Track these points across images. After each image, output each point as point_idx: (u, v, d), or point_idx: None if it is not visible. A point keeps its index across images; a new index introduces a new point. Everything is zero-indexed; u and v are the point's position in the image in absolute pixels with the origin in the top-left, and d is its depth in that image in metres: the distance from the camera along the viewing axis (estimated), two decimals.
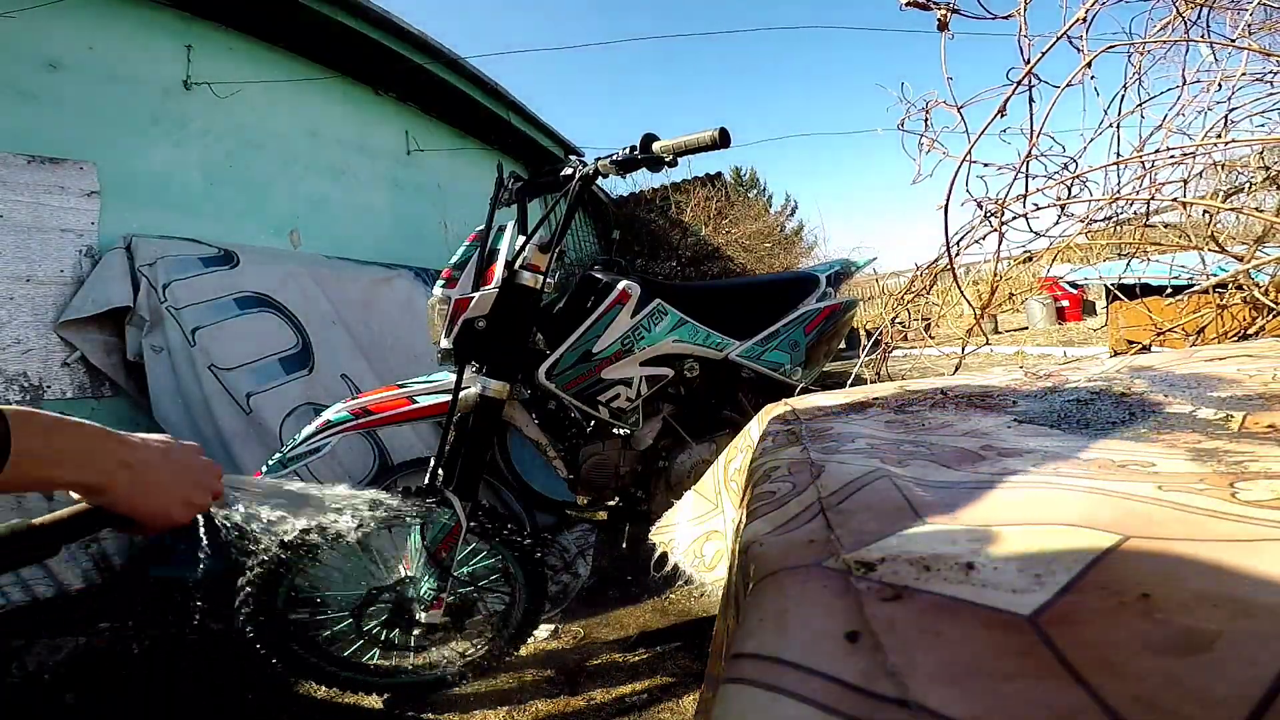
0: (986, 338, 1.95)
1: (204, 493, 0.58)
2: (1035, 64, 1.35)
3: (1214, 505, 0.35)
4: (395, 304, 3.04)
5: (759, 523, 0.44)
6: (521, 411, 1.52)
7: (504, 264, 1.33)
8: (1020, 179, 1.52)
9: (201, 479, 0.58)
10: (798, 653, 0.27)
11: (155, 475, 0.53)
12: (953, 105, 1.52)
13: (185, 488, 0.56)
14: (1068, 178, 1.54)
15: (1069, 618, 0.26)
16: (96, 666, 1.67)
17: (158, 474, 0.53)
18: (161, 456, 0.54)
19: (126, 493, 0.51)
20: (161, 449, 0.55)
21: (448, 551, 1.34)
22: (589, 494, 1.61)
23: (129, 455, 0.51)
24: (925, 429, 0.64)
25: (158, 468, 0.54)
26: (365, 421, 1.32)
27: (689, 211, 7.93)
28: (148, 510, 0.52)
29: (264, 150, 3.23)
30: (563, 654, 1.64)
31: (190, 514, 0.56)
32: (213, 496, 0.59)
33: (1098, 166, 1.51)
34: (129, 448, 0.52)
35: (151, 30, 2.78)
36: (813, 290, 1.79)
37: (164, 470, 0.54)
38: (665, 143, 1.29)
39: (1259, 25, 1.48)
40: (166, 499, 0.54)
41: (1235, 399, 0.62)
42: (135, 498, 0.51)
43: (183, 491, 0.55)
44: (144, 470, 0.52)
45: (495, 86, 4.67)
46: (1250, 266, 1.36)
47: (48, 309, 2.16)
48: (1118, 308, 1.98)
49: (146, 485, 0.52)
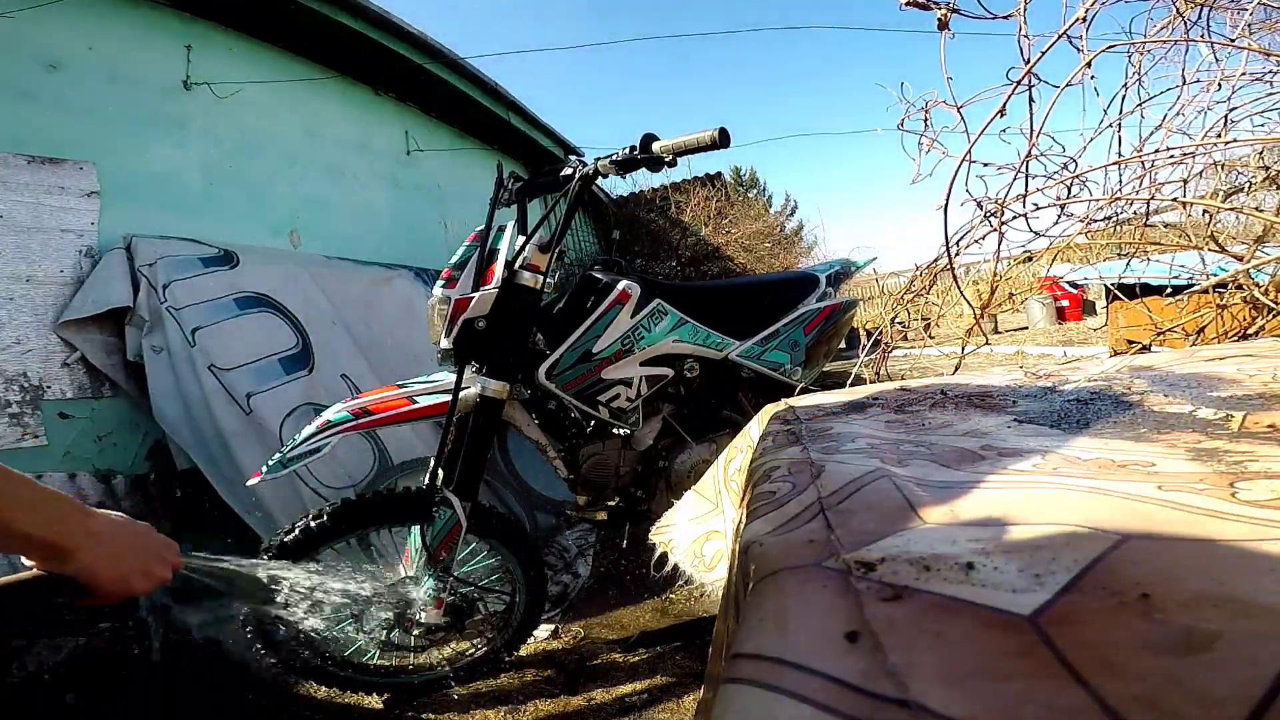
0: (986, 338, 1.95)
1: (164, 566, 0.58)
2: (1035, 64, 1.35)
3: (1214, 505, 0.35)
4: (395, 304, 3.04)
5: (759, 523, 0.44)
6: (521, 411, 1.52)
7: (504, 264, 1.33)
8: (1020, 179, 1.52)
9: (162, 553, 0.59)
10: (798, 653, 0.27)
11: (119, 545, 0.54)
12: (952, 105, 1.52)
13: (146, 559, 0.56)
14: (1067, 177, 1.54)
15: (1069, 618, 0.26)
16: (96, 666, 1.67)
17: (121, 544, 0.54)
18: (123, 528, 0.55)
19: (90, 559, 0.51)
20: (121, 521, 0.56)
21: (448, 552, 1.34)
22: (589, 494, 1.61)
23: (94, 524, 0.52)
24: (925, 429, 0.64)
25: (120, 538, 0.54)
26: (365, 422, 1.32)
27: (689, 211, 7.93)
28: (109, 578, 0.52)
29: (264, 150, 3.23)
30: (563, 654, 1.64)
31: (149, 585, 0.56)
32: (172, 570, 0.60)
33: (1098, 166, 1.51)
34: (94, 518, 0.53)
35: (151, 30, 2.78)
36: (813, 290, 1.79)
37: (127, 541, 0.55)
38: (665, 143, 1.29)
39: (1259, 25, 1.48)
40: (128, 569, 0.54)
41: (1235, 399, 0.62)
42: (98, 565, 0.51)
43: (143, 563, 0.56)
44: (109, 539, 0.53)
45: (495, 87, 4.67)
46: (1250, 266, 1.36)
47: (48, 309, 2.16)
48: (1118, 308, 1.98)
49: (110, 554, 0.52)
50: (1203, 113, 1.57)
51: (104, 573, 0.52)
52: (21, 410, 2.07)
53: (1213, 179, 1.66)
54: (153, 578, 0.57)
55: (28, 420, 2.09)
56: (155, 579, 0.57)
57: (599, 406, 1.51)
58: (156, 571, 0.57)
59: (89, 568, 0.51)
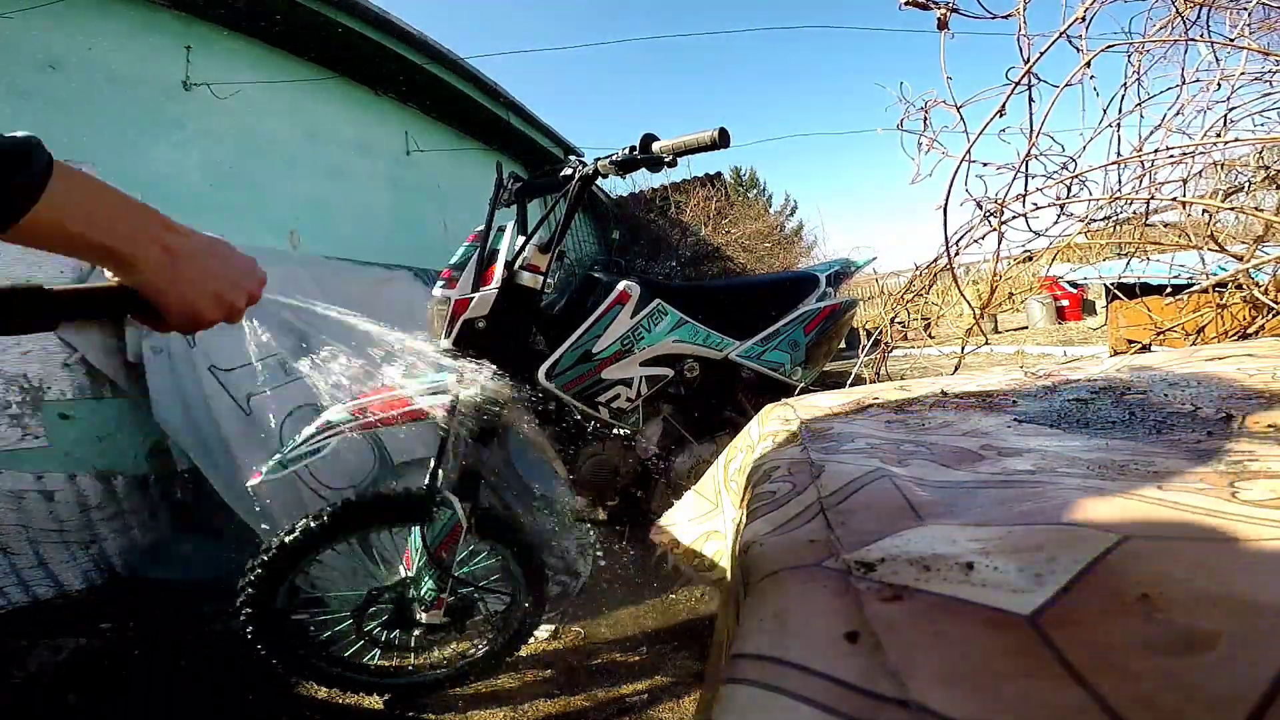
0: (986, 337, 1.95)
1: (240, 294, 0.54)
2: (1034, 63, 1.35)
3: (1214, 505, 0.35)
4: (395, 305, 3.04)
5: (759, 523, 0.44)
6: (521, 412, 1.51)
7: (504, 264, 1.33)
8: (1020, 178, 1.52)
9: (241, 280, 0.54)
10: (798, 653, 0.27)
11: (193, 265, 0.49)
12: (952, 105, 1.52)
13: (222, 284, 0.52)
14: (1067, 177, 1.54)
15: (1069, 618, 0.26)
16: (97, 667, 1.67)
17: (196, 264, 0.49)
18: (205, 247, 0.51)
19: (156, 276, 0.47)
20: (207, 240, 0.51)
21: (448, 552, 1.34)
22: (589, 494, 1.61)
23: (170, 239, 0.48)
24: (925, 429, 0.64)
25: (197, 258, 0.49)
26: (365, 422, 1.32)
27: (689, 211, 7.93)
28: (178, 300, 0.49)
29: (263, 151, 3.23)
30: (563, 654, 1.64)
31: (221, 314, 0.53)
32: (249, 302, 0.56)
33: (1097, 166, 1.51)
34: (173, 232, 0.48)
35: (151, 31, 2.78)
36: (812, 290, 1.79)
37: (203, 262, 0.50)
38: (665, 143, 1.29)
39: (1258, 25, 1.48)
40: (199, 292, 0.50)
41: (1235, 398, 0.62)
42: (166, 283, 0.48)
43: (218, 287, 0.51)
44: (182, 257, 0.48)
45: (495, 87, 4.67)
46: (1250, 266, 1.35)
47: None
48: (1117, 307, 1.98)
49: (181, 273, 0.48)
50: (1202, 112, 1.57)
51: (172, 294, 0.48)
52: (22, 411, 2.08)
53: (1212, 179, 1.66)
54: (224, 305, 0.52)
55: (28, 421, 2.09)
56: (226, 307, 0.53)
57: (599, 407, 1.51)
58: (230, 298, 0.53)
59: (155, 284, 0.47)
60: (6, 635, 1.79)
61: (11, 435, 2.04)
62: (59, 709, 1.50)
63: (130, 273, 0.47)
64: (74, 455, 2.18)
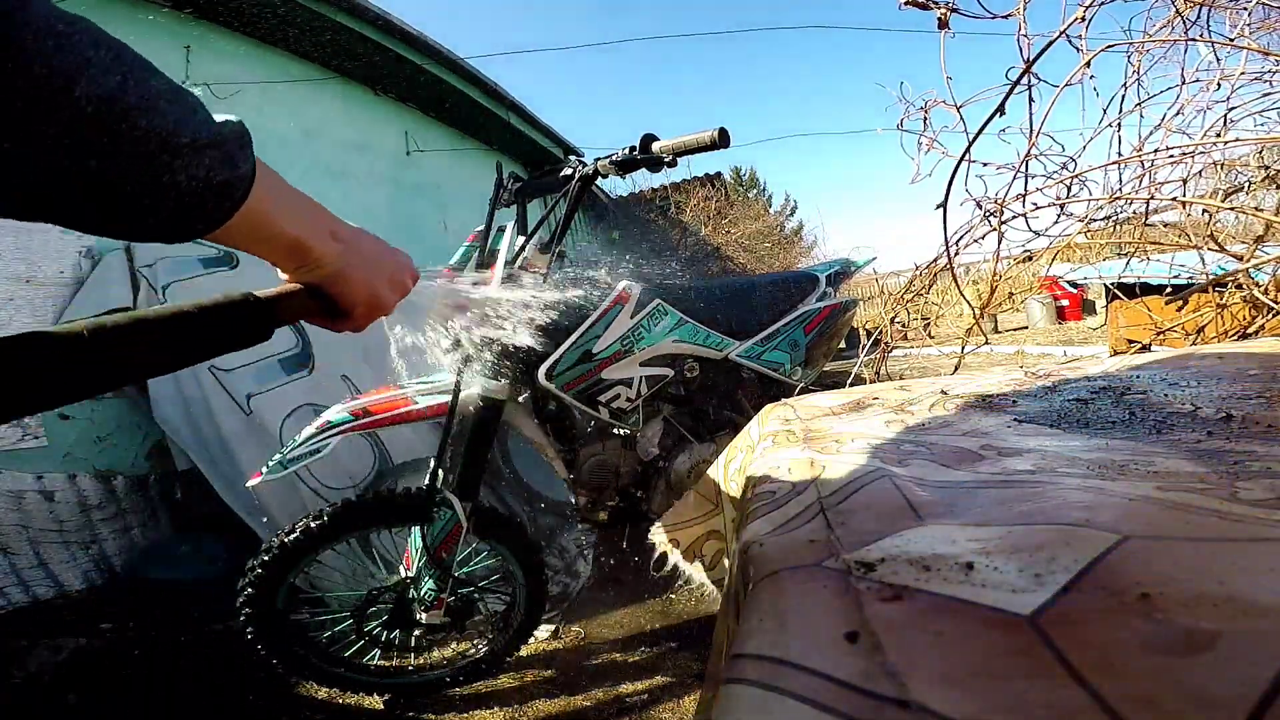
0: (986, 337, 1.95)
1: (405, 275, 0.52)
2: (1034, 63, 1.35)
3: (1214, 505, 0.35)
4: None
5: (759, 523, 0.44)
6: (522, 412, 1.52)
7: (503, 264, 1.33)
8: (1019, 178, 1.52)
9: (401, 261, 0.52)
10: (798, 653, 0.27)
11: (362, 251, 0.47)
12: (952, 104, 1.52)
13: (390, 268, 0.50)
14: (1067, 177, 1.54)
15: (1069, 618, 0.26)
16: (97, 667, 1.67)
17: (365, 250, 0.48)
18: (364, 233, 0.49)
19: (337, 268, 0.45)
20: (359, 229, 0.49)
21: (448, 552, 1.34)
22: (589, 494, 1.61)
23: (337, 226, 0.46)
24: (925, 429, 0.64)
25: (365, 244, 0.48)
26: (365, 422, 1.32)
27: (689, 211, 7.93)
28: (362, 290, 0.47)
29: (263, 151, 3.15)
30: (563, 654, 1.64)
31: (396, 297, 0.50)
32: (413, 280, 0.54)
33: (1097, 166, 1.51)
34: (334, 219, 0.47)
35: (150, 30, 2.78)
36: (812, 290, 1.79)
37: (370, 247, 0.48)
38: (665, 143, 1.29)
39: (1258, 24, 1.48)
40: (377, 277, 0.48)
41: (1235, 398, 0.62)
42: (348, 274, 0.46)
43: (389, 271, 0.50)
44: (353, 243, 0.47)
45: (495, 87, 4.67)
46: (1250, 265, 1.35)
47: (48, 310, 2.16)
48: (1117, 307, 1.98)
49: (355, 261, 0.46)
50: (1202, 112, 1.57)
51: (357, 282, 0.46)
52: None
53: (1212, 178, 1.66)
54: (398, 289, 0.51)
55: (28, 421, 2.09)
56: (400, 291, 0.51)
57: (599, 407, 1.51)
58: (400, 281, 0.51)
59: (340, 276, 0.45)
60: (6, 635, 1.79)
61: (11, 435, 2.04)
62: (59, 709, 1.50)
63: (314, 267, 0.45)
64: (74, 455, 2.18)
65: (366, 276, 0.47)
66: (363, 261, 0.47)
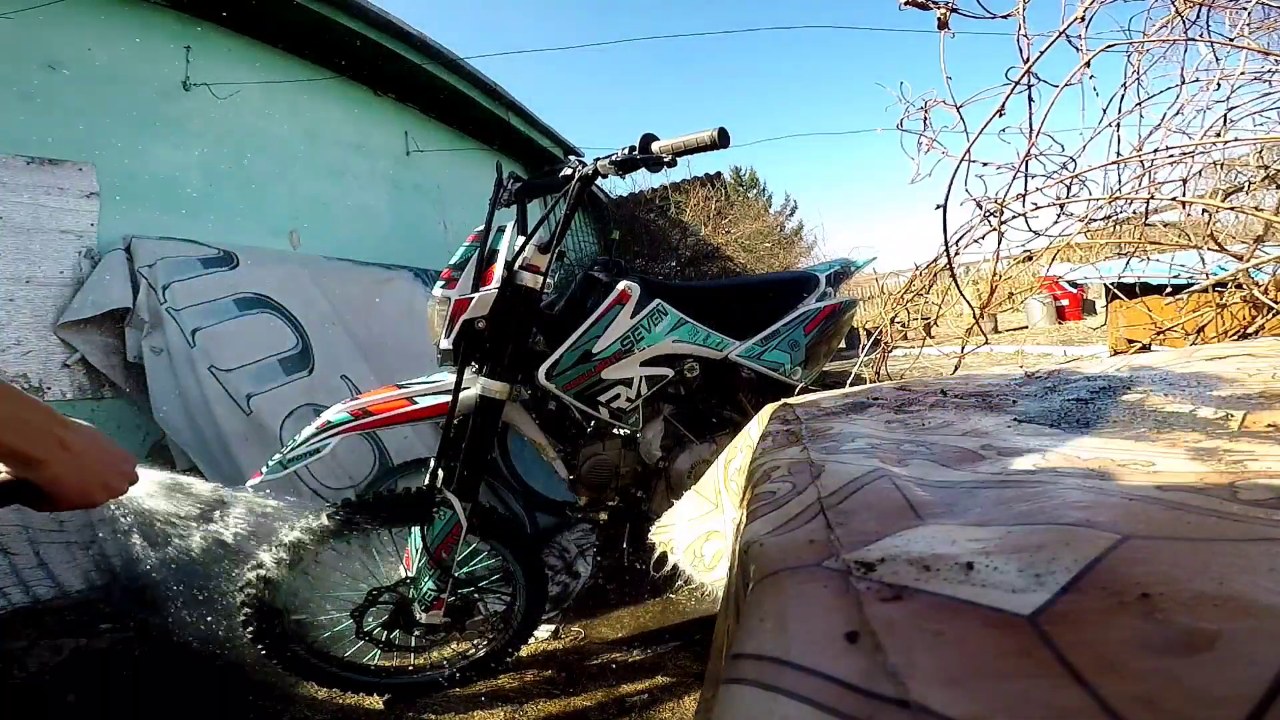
0: (986, 337, 1.95)
1: (122, 479, 0.61)
2: (1034, 63, 1.35)
3: (1214, 505, 0.35)
4: (395, 305, 3.04)
5: (759, 523, 0.44)
6: (521, 412, 1.51)
7: (503, 264, 1.33)
8: (1019, 178, 1.52)
9: (121, 467, 0.61)
10: (798, 653, 0.27)
11: (86, 458, 0.55)
12: (952, 104, 1.52)
13: (108, 473, 0.58)
14: (1067, 177, 1.54)
15: (1069, 618, 0.26)
16: (97, 667, 1.67)
17: (88, 457, 0.56)
18: (92, 442, 0.57)
19: (55, 472, 0.53)
20: (91, 434, 0.58)
21: (448, 552, 1.34)
22: (589, 494, 1.61)
23: (68, 437, 0.54)
24: (925, 429, 0.64)
25: (89, 451, 0.56)
26: (365, 422, 1.32)
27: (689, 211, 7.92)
28: (73, 489, 0.55)
29: (263, 151, 3.23)
30: (563, 654, 1.64)
31: (106, 497, 0.59)
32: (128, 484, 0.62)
33: (1097, 166, 1.51)
34: (68, 429, 0.54)
35: (150, 31, 2.78)
36: (812, 290, 1.78)
37: (93, 454, 0.56)
38: (664, 143, 1.29)
39: (1258, 24, 1.48)
40: (91, 481, 0.56)
41: (1235, 398, 0.62)
42: (63, 477, 0.53)
43: (105, 476, 0.58)
44: (78, 451, 0.54)
45: (495, 87, 4.67)
46: (1250, 265, 1.36)
47: (48, 310, 2.16)
48: (1117, 307, 1.98)
49: (76, 467, 0.54)
50: (1202, 112, 1.57)
51: (69, 483, 0.54)
52: None
53: (1212, 178, 1.66)
54: (110, 490, 0.59)
55: None
56: (112, 492, 0.60)
57: (599, 407, 1.51)
58: (115, 485, 0.60)
59: (56, 478, 0.53)
60: (6, 635, 1.79)
61: None
62: (59, 709, 1.50)
63: (32, 470, 0.52)
64: None
65: (81, 481, 0.55)
66: (81, 468, 0.55)
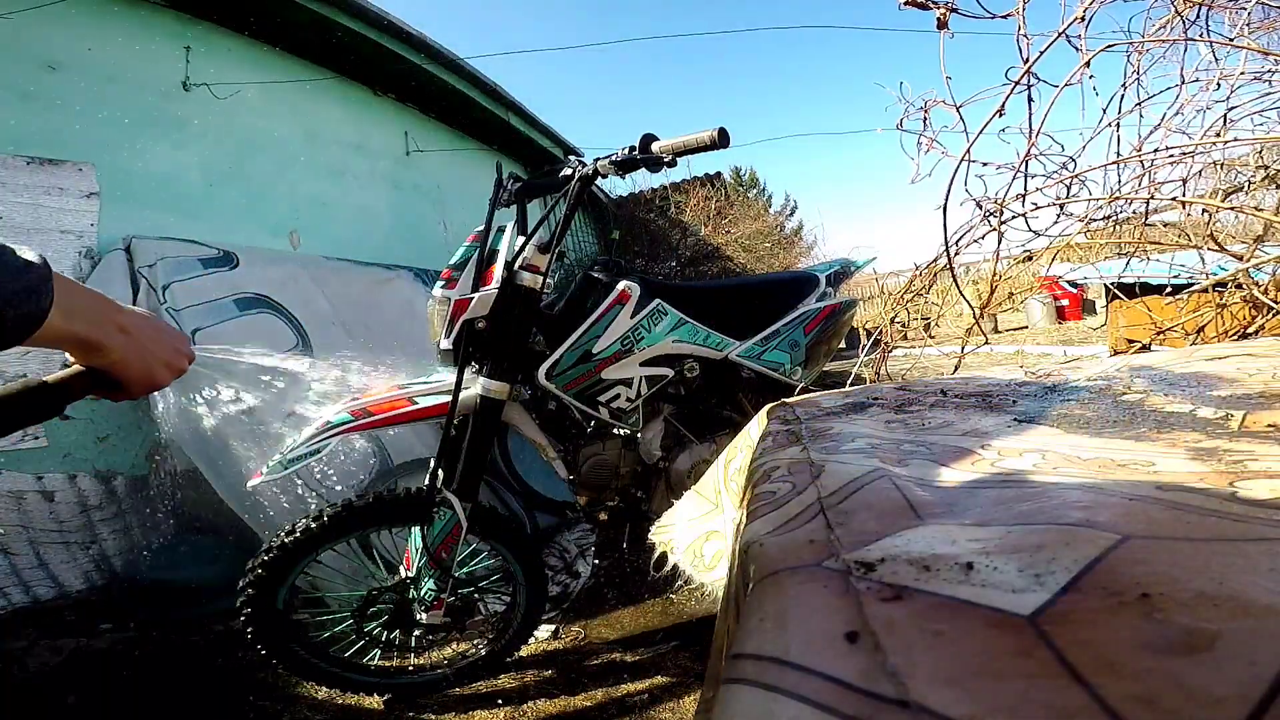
0: (986, 337, 1.94)
1: (181, 358, 0.63)
2: (1034, 63, 1.35)
3: (1214, 505, 0.35)
4: (395, 305, 3.04)
5: (759, 523, 0.44)
6: (521, 412, 1.51)
7: (503, 264, 1.33)
8: (1019, 178, 1.52)
9: (179, 344, 0.63)
10: (798, 653, 0.27)
11: (144, 339, 0.57)
12: (951, 104, 1.52)
13: (167, 352, 0.60)
14: (1067, 177, 1.54)
15: (1069, 618, 0.26)
16: (97, 667, 1.67)
17: (146, 338, 0.58)
18: (148, 323, 0.59)
19: (121, 355, 0.55)
20: (146, 316, 0.60)
21: (448, 552, 1.34)
22: (589, 494, 1.61)
23: (125, 320, 0.55)
24: (925, 429, 0.64)
25: (146, 332, 0.58)
26: (365, 423, 1.32)
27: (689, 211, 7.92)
28: (139, 371, 0.57)
29: (263, 151, 3.23)
30: (563, 654, 1.64)
31: (170, 377, 0.61)
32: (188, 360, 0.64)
33: (1097, 166, 1.51)
34: (124, 314, 0.56)
35: (150, 31, 2.78)
36: (812, 290, 1.79)
37: (151, 335, 0.59)
38: (664, 143, 1.29)
39: (1258, 24, 1.48)
40: (153, 362, 0.58)
41: (1235, 398, 0.62)
42: (128, 359, 0.55)
43: (165, 355, 0.60)
44: (137, 334, 0.56)
45: (494, 87, 4.67)
46: (1250, 265, 1.35)
47: None
48: (1117, 307, 1.98)
49: (138, 348, 0.56)
50: (1202, 112, 1.57)
51: (135, 365, 0.56)
52: None
53: (1212, 178, 1.66)
54: (173, 369, 0.62)
55: None
56: (175, 370, 0.62)
57: (599, 407, 1.51)
58: (176, 363, 0.62)
59: (122, 361, 0.55)
60: (6, 635, 1.79)
61: (12, 435, 2.04)
62: (59, 709, 1.50)
63: (99, 355, 0.54)
64: (74, 456, 2.18)
65: (144, 362, 0.57)
66: (142, 349, 0.57)
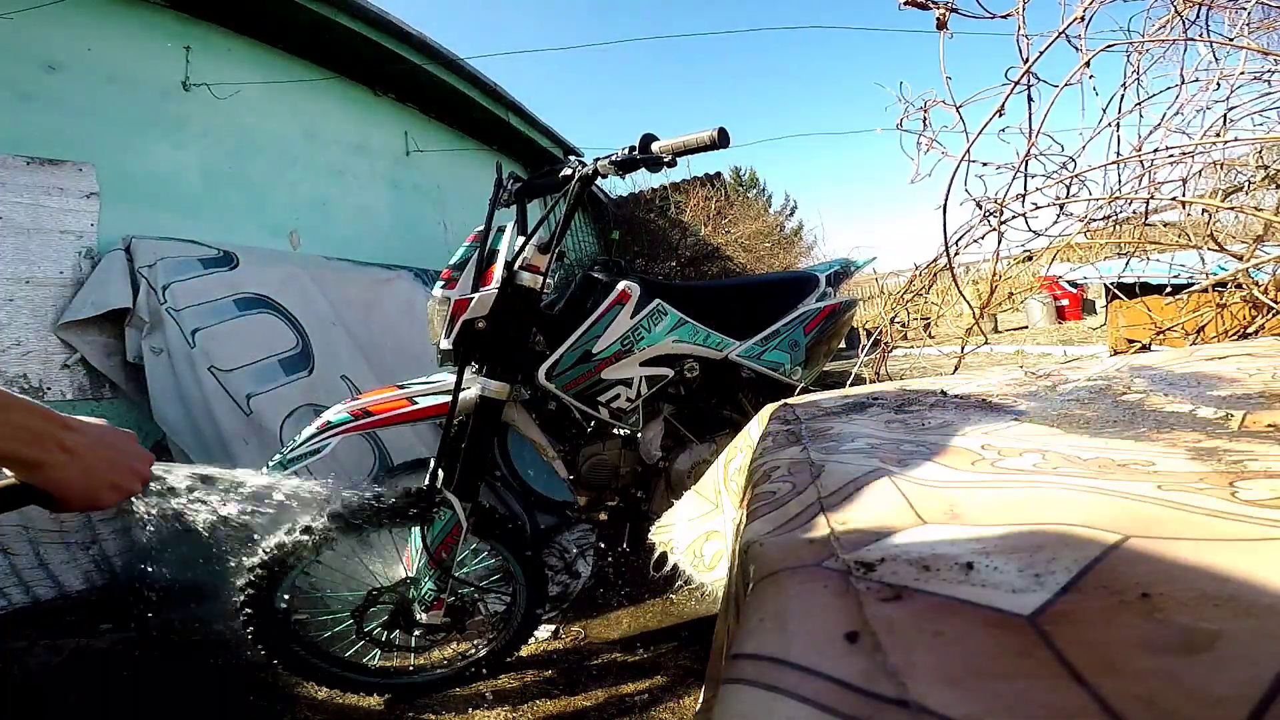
0: (986, 337, 1.95)
1: (133, 479, 0.60)
2: (1033, 63, 1.35)
3: (1214, 505, 0.35)
4: (395, 305, 3.04)
5: (759, 523, 0.44)
6: (521, 412, 1.51)
7: (503, 264, 1.33)
8: (1019, 178, 1.52)
9: (134, 465, 0.61)
10: (798, 653, 0.27)
11: (91, 460, 0.56)
12: (951, 104, 1.52)
13: (118, 473, 0.58)
14: (1066, 177, 1.54)
15: (1069, 618, 0.26)
16: (97, 667, 1.67)
17: (94, 459, 0.56)
18: (98, 441, 0.57)
19: (60, 475, 0.53)
20: (99, 433, 0.58)
21: (448, 552, 1.34)
22: (589, 494, 1.61)
23: (69, 439, 0.54)
24: (925, 429, 0.64)
25: (96, 452, 0.56)
26: (365, 423, 1.32)
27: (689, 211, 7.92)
28: (75, 492, 0.55)
29: (263, 151, 3.23)
30: (563, 654, 1.64)
31: (116, 498, 0.59)
32: (141, 483, 0.62)
33: (1097, 166, 1.51)
34: (70, 431, 0.55)
35: (150, 31, 2.78)
36: (812, 290, 1.78)
37: (101, 455, 0.57)
38: (664, 143, 1.29)
39: (1257, 24, 1.48)
40: (95, 482, 0.56)
41: (1235, 398, 0.62)
42: (68, 479, 0.54)
43: (113, 477, 0.58)
44: (83, 454, 0.55)
45: (494, 87, 4.66)
46: (1249, 265, 1.36)
47: (47, 311, 2.16)
48: (1117, 307, 1.98)
49: (80, 469, 0.55)
50: (1202, 112, 1.57)
51: (74, 486, 0.55)
52: None
53: (1212, 178, 1.66)
54: (121, 491, 0.59)
55: None
56: (123, 493, 0.60)
57: (599, 407, 1.51)
58: (125, 485, 0.60)
59: (61, 481, 0.54)
60: (6, 635, 1.79)
61: None
62: (59, 709, 1.50)
63: (37, 473, 0.53)
64: None
65: (85, 483, 0.55)
66: (86, 470, 0.55)
